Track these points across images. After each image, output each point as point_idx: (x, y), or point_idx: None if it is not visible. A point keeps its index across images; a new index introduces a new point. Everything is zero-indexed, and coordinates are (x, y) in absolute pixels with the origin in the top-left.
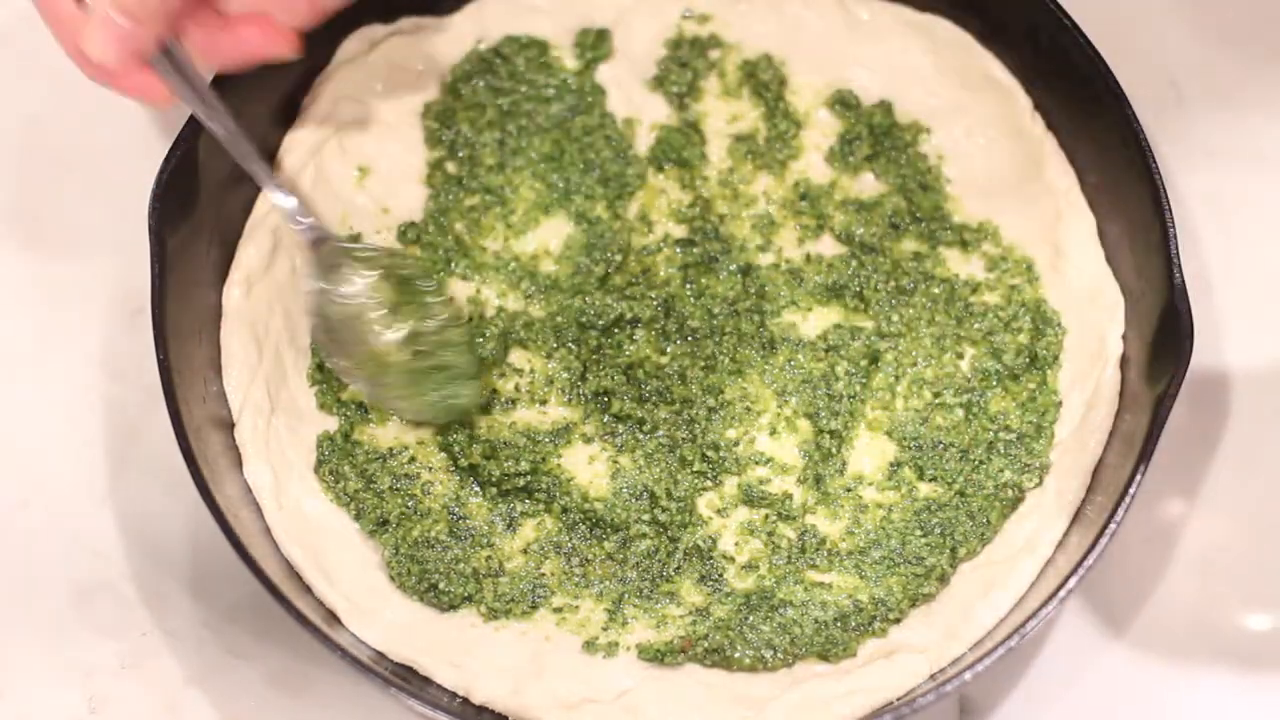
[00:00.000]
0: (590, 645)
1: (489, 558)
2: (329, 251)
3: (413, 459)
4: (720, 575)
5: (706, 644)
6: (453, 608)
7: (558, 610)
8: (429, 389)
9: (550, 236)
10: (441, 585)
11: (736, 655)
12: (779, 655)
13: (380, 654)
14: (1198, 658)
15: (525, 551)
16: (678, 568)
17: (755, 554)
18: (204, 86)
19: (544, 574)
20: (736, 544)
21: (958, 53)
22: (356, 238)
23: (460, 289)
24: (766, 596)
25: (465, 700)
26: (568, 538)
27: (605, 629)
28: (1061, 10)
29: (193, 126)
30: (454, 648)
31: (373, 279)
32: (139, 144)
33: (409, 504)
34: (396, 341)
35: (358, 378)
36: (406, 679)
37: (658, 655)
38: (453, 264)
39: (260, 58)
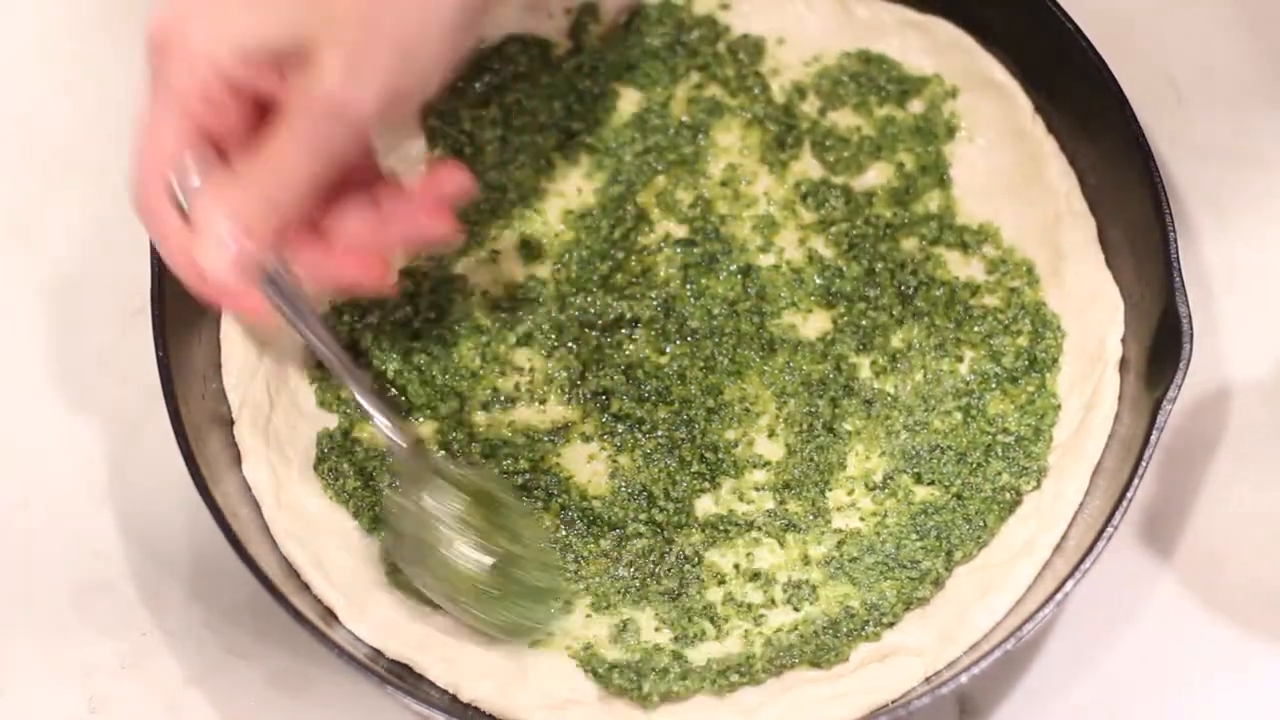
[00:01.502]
0: (576, 648)
1: None
2: (420, 467)
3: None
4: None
5: None
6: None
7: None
8: (508, 609)
9: (551, 235)
10: None
11: None
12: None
13: (377, 651)
14: (1198, 662)
15: None
16: (669, 570)
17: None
18: (310, 311)
19: None
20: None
21: (958, 53)
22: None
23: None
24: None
25: (455, 698)
26: (565, 534)
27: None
28: (1062, 11)
29: None
30: (446, 645)
31: (465, 501)
32: None
33: None
34: (485, 567)
35: (433, 590)
36: (402, 677)
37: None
38: (455, 260)
39: (358, 288)
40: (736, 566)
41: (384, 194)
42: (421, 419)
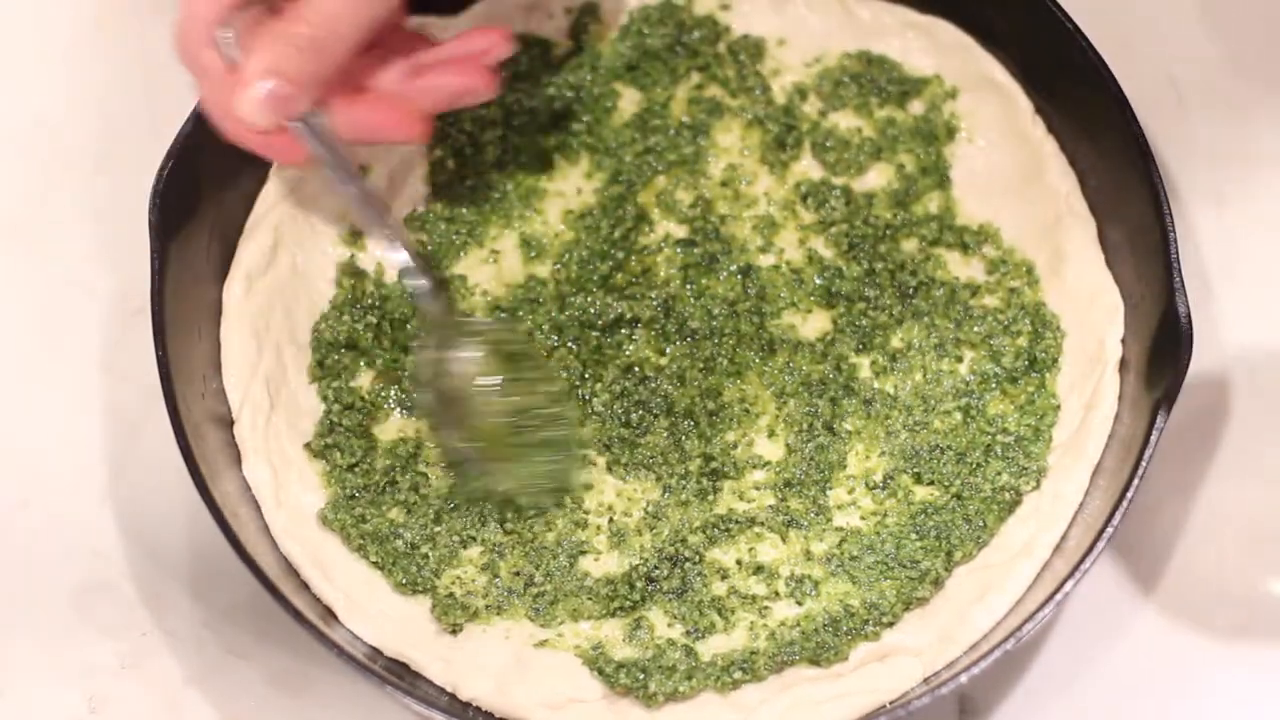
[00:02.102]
0: (586, 647)
1: (480, 552)
2: (438, 321)
3: (412, 455)
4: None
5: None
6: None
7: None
8: (533, 466)
9: (551, 234)
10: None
11: None
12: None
13: (376, 650)
14: (1197, 662)
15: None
16: (670, 570)
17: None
18: (341, 152)
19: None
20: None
21: (959, 54)
22: (466, 312)
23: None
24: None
25: (454, 696)
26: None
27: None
28: (1062, 11)
29: (194, 123)
30: (444, 643)
31: (481, 353)
32: (139, 143)
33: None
34: (503, 416)
35: (464, 453)
36: (400, 675)
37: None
38: (455, 259)
39: (391, 139)
40: (739, 562)
41: (419, 52)
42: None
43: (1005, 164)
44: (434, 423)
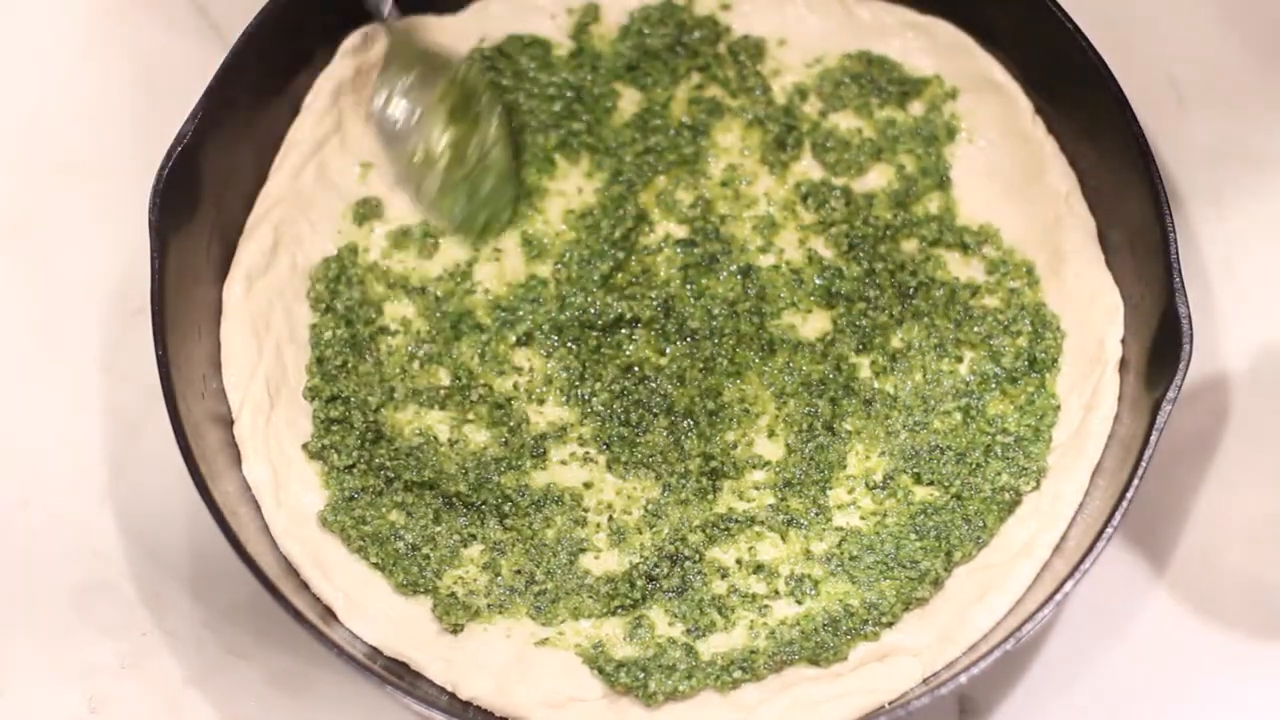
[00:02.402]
0: (586, 646)
1: (481, 551)
2: (400, 43)
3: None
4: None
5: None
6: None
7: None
8: (458, 200)
9: (552, 234)
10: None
11: None
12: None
13: (375, 650)
14: (1197, 662)
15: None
16: (670, 569)
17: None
18: None
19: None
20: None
21: (959, 55)
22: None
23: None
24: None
25: (454, 696)
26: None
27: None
28: (1062, 11)
29: (194, 123)
30: (445, 643)
31: (441, 83)
32: (139, 143)
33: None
34: (447, 143)
35: (405, 181)
36: (400, 675)
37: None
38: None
39: None
40: (739, 561)
41: None
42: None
43: (1005, 164)
44: (383, 155)
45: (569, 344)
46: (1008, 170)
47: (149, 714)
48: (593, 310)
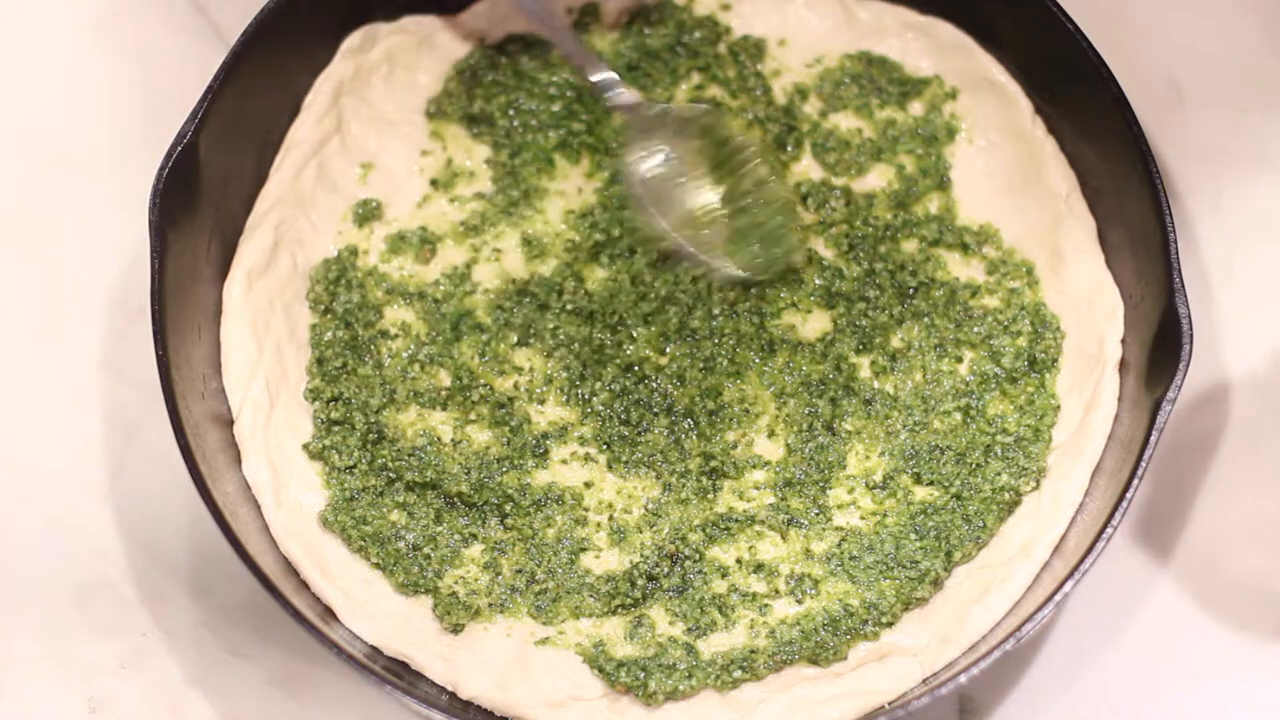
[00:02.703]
0: (587, 645)
1: (481, 550)
2: (646, 118)
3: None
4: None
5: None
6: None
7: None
8: (748, 246)
9: (552, 234)
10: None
11: None
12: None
13: (375, 649)
14: (1197, 663)
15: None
16: (671, 569)
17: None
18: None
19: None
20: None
21: (959, 55)
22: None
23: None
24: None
25: (454, 695)
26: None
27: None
28: (1062, 11)
29: (194, 122)
30: (445, 642)
31: (691, 142)
32: (139, 143)
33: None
34: (715, 202)
35: (676, 240)
36: (400, 674)
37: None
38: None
39: None
40: (739, 560)
41: None
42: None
43: (1005, 165)
44: (643, 217)
45: (569, 344)
46: (1007, 170)
47: (149, 714)
48: (593, 309)
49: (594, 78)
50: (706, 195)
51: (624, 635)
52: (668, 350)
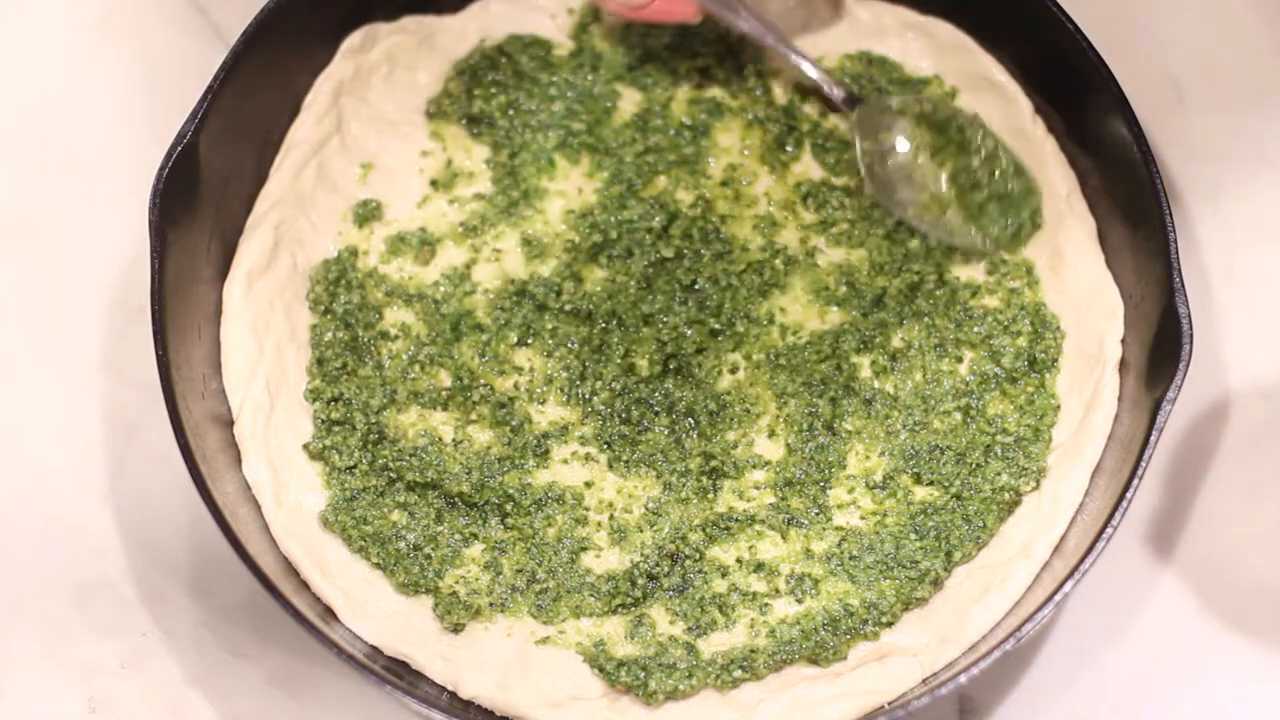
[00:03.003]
0: (588, 645)
1: (482, 550)
2: (865, 111)
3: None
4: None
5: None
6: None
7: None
8: (994, 218)
9: (552, 234)
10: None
11: None
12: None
13: (375, 649)
14: (1198, 664)
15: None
16: (671, 568)
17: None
18: None
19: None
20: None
21: (959, 55)
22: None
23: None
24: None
25: (454, 695)
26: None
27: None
28: (1062, 11)
29: (194, 122)
30: (445, 642)
31: (910, 128)
32: (139, 143)
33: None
34: (946, 182)
35: (923, 223)
36: (400, 674)
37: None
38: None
39: (671, 19)
40: (739, 560)
41: None
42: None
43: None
44: (886, 208)
45: (570, 342)
46: None
47: (149, 714)
48: (593, 308)
49: (812, 73)
50: (936, 180)
51: (624, 635)
52: (668, 350)
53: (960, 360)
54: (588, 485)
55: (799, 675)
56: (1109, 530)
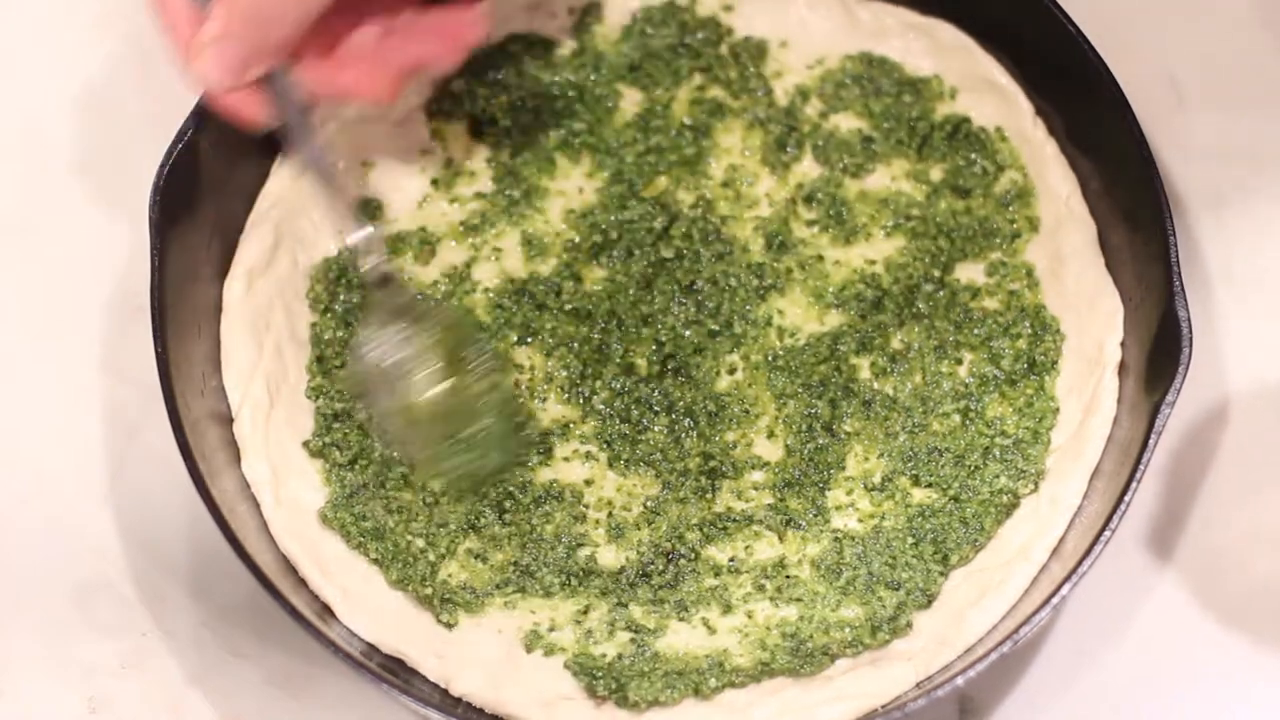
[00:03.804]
0: (571, 649)
1: (479, 546)
2: (390, 297)
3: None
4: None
5: None
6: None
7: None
8: (453, 455)
9: (552, 234)
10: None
11: None
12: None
13: (372, 647)
14: (1197, 666)
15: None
16: (665, 565)
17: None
18: (307, 123)
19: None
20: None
21: (959, 56)
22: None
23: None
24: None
25: (447, 692)
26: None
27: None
28: (1062, 12)
29: (194, 121)
30: (440, 638)
31: (430, 333)
32: (139, 143)
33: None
34: (435, 399)
35: (385, 429)
36: (395, 672)
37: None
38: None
39: (359, 97)
40: (733, 559)
41: (401, 17)
42: None
43: None
44: (355, 396)
45: (569, 342)
46: None
47: (149, 714)
48: (593, 308)
49: (355, 238)
50: (429, 391)
51: (608, 634)
52: (666, 350)
53: (960, 362)
54: (588, 483)
55: (791, 680)
56: (1107, 533)
